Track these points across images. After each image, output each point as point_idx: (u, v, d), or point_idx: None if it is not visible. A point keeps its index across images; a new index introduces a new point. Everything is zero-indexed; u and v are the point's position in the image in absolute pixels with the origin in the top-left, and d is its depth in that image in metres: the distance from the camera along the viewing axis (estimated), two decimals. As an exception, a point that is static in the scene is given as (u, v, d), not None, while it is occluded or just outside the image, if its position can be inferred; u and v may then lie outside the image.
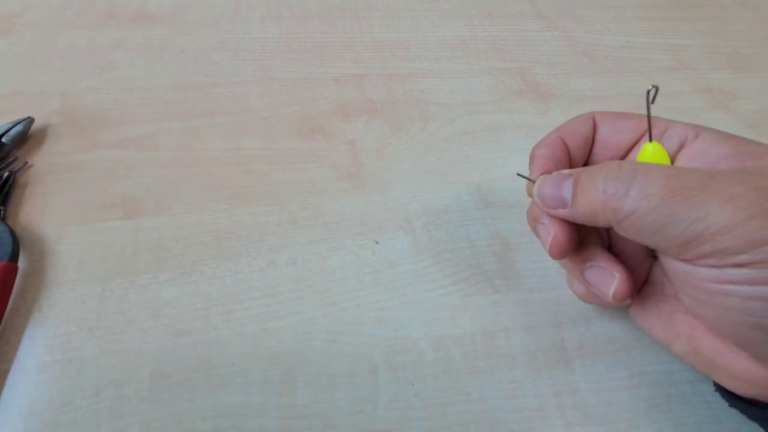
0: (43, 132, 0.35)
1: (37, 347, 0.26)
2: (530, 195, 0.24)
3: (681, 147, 0.22)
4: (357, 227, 0.31)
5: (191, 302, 0.27)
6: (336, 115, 0.38)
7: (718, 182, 0.18)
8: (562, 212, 0.21)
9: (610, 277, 0.22)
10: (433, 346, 0.27)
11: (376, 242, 0.31)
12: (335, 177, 0.34)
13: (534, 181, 0.23)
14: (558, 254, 0.22)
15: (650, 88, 0.19)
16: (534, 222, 0.23)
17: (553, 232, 0.22)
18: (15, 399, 0.24)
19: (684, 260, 0.19)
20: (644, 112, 0.22)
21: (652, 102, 0.20)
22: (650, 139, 0.22)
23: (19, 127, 0.34)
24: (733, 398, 0.22)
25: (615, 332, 0.28)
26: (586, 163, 0.25)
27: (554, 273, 0.30)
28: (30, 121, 0.35)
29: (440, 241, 0.31)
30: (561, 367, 0.26)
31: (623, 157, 0.23)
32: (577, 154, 0.24)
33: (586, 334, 0.28)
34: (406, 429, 0.24)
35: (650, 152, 0.22)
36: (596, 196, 0.19)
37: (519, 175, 0.23)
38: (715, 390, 0.23)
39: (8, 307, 0.26)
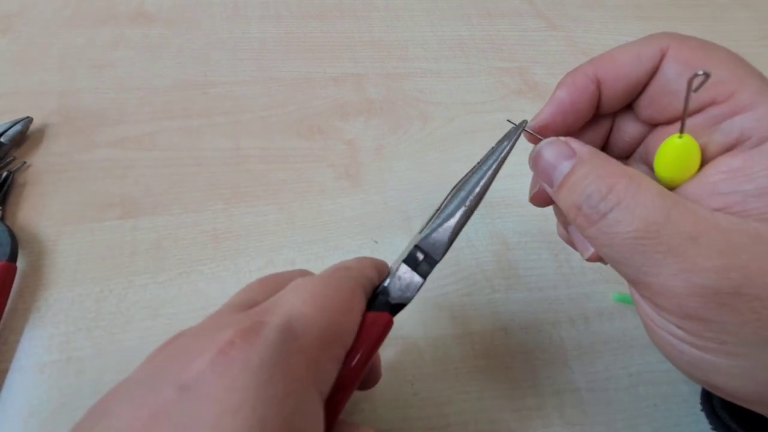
0: (41, 132, 0.35)
1: (35, 347, 0.26)
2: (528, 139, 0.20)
3: (734, 145, 0.16)
4: (356, 227, 0.31)
5: (190, 302, 0.27)
6: (335, 115, 0.38)
7: (697, 245, 0.15)
8: (548, 189, 0.18)
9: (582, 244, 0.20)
10: (432, 346, 0.27)
11: (375, 242, 0.31)
12: (334, 176, 0.34)
13: (531, 134, 0.20)
14: (538, 204, 0.20)
15: (699, 73, 0.14)
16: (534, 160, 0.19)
17: (538, 187, 0.19)
18: (14, 399, 0.24)
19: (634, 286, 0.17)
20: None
21: (695, 91, 0.15)
22: (681, 131, 0.16)
23: (17, 127, 0.34)
24: (716, 420, 0.21)
25: (613, 332, 0.28)
26: (636, 108, 0.19)
27: (553, 273, 0.30)
28: (28, 120, 0.34)
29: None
30: (560, 367, 0.26)
31: (666, 123, 0.18)
32: (613, 103, 0.19)
33: (585, 333, 0.28)
34: (406, 429, 0.24)
35: (675, 150, 0.17)
36: (573, 202, 0.17)
37: (509, 121, 0.20)
38: (701, 409, 0.23)
39: (7, 307, 0.26)
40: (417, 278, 0.19)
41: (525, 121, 0.20)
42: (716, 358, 0.16)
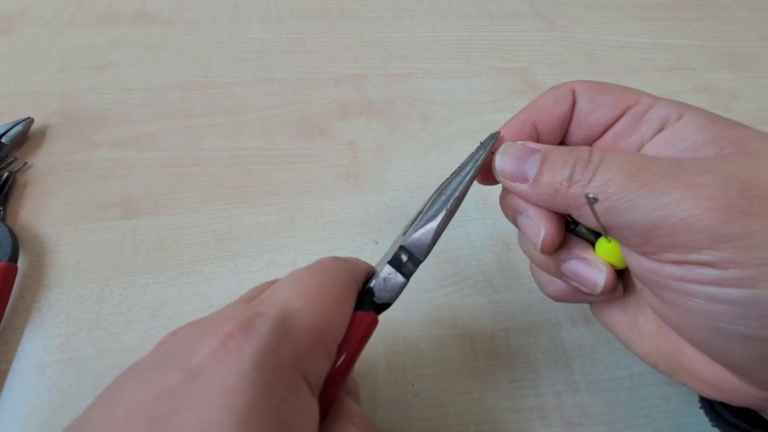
0: (42, 132, 0.35)
1: (36, 347, 0.26)
2: (481, 178, 0.22)
3: (660, 129, 0.20)
4: (356, 227, 0.31)
5: (190, 302, 0.27)
6: (335, 115, 0.38)
7: (683, 170, 0.17)
8: (520, 187, 0.19)
9: (595, 271, 0.20)
10: (432, 346, 0.27)
11: (376, 242, 0.31)
12: (334, 177, 0.34)
13: (494, 153, 0.21)
14: (550, 250, 0.20)
15: (590, 195, 0.17)
16: (513, 213, 0.21)
17: (544, 229, 0.20)
18: (14, 399, 0.24)
19: (647, 255, 0.18)
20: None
21: (594, 202, 0.18)
22: (606, 235, 0.19)
23: (18, 128, 0.34)
24: (716, 417, 0.21)
25: (614, 332, 0.28)
26: (560, 143, 0.23)
27: (554, 273, 0.30)
28: (29, 121, 0.35)
29: (440, 241, 0.31)
30: (560, 367, 0.26)
31: (598, 137, 0.21)
32: (550, 139, 0.22)
33: (586, 333, 0.28)
34: (406, 429, 0.24)
35: (609, 247, 0.19)
36: (560, 177, 0.18)
37: (481, 143, 0.21)
38: (700, 407, 0.22)
39: (7, 308, 0.26)
40: (400, 278, 0.20)
41: (498, 132, 0.22)
42: (766, 289, 0.15)
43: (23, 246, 0.29)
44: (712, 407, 0.21)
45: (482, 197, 0.33)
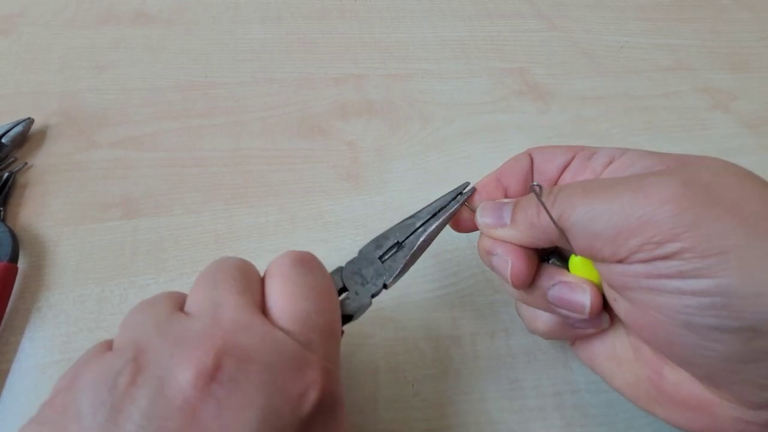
0: (42, 132, 0.35)
1: (36, 348, 0.26)
2: (462, 228, 0.25)
3: (609, 163, 0.22)
4: (356, 228, 0.31)
5: (191, 303, 0.27)
6: (335, 116, 0.38)
7: (630, 178, 0.19)
8: (502, 231, 0.22)
9: (579, 292, 0.20)
10: (433, 347, 0.27)
11: (376, 242, 0.31)
12: (334, 177, 0.34)
13: (474, 211, 0.24)
14: (520, 282, 0.21)
15: (534, 184, 0.20)
16: (488, 256, 0.23)
17: (510, 261, 0.21)
18: (14, 399, 0.24)
19: (619, 261, 0.18)
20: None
21: (542, 197, 0.21)
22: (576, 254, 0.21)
23: (18, 128, 0.34)
24: None
25: (614, 332, 0.28)
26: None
27: (554, 273, 0.30)
28: (30, 121, 0.35)
29: (440, 241, 0.31)
30: (560, 367, 0.26)
31: (557, 179, 0.24)
32: (516, 191, 0.25)
33: (586, 334, 0.28)
34: (406, 429, 0.24)
35: (580, 262, 0.21)
36: (531, 212, 0.21)
37: (465, 204, 0.25)
38: None
39: (8, 308, 0.26)
40: (367, 300, 0.22)
41: (468, 183, 0.25)
42: (726, 278, 0.16)
43: (23, 246, 0.29)
44: None
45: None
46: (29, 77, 0.39)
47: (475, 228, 0.24)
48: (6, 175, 0.32)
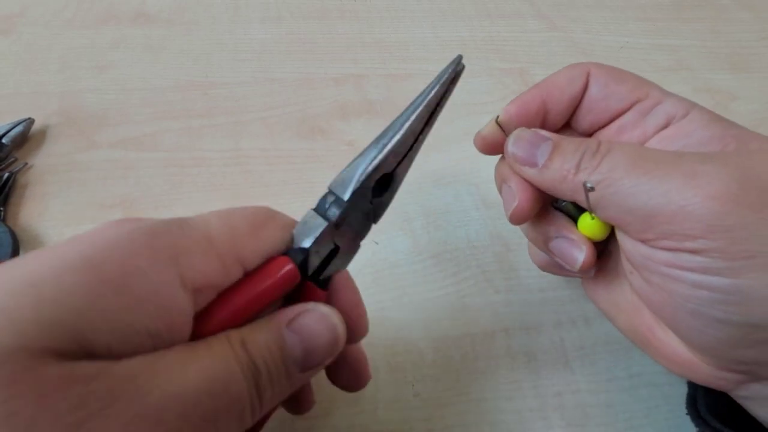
0: (42, 133, 0.35)
1: (36, 348, 0.26)
2: (487, 149, 0.23)
3: (666, 125, 0.21)
4: (357, 228, 0.31)
5: (191, 303, 0.27)
6: (335, 116, 0.38)
7: (685, 159, 0.17)
8: (529, 172, 0.20)
9: (577, 249, 0.21)
10: (432, 347, 0.27)
11: (376, 243, 0.31)
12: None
13: (505, 133, 0.21)
14: (517, 222, 0.22)
15: (588, 184, 0.18)
16: (501, 181, 0.22)
17: (518, 200, 0.21)
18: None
19: (644, 241, 0.18)
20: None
21: (591, 190, 0.19)
22: (591, 212, 0.20)
23: (19, 128, 0.34)
24: (701, 423, 0.21)
25: (615, 333, 0.27)
26: (566, 125, 0.24)
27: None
28: (30, 122, 0.35)
29: (440, 241, 0.31)
30: (561, 368, 0.26)
31: (604, 126, 0.22)
32: (557, 119, 0.22)
33: (586, 334, 0.28)
34: (406, 429, 0.24)
35: (593, 223, 0.21)
36: (569, 165, 0.19)
37: (497, 123, 0.22)
38: (686, 413, 0.23)
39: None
40: (320, 221, 0.17)
41: (460, 57, 0.21)
42: (748, 279, 0.16)
43: (24, 246, 0.29)
44: (697, 413, 0.21)
45: (482, 197, 0.33)
46: (29, 77, 0.39)
47: (500, 150, 0.22)
48: (6, 175, 0.32)
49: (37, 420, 0.10)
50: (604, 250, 0.24)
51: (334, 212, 0.18)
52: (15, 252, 0.28)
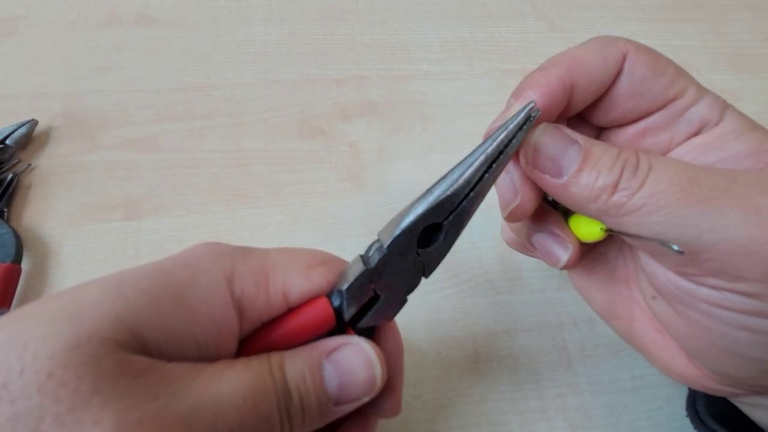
0: (45, 134, 0.35)
1: (39, 349, 0.26)
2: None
3: (696, 133, 0.18)
4: (358, 229, 0.31)
5: (193, 304, 0.28)
6: (337, 117, 0.38)
7: (742, 187, 0.15)
8: (552, 181, 0.16)
9: (561, 248, 0.19)
10: (434, 348, 0.27)
11: (378, 243, 0.31)
12: (336, 178, 0.34)
13: (521, 117, 0.17)
14: (513, 221, 0.19)
15: (675, 248, 0.15)
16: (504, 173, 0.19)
17: (520, 198, 0.18)
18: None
19: (683, 275, 0.16)
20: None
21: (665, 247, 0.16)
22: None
23: (22, 129, 0.34)
24: (701, 426, 0.21)
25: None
26: (578, 114, 0.19)
27: (557, 275, 0.30)
28: (33, 123, 0.35)
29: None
30: (563, 369, 0.26)
31: (628, 123, 0.19)
32: (577, 107, 0.18)
33: (589, 335, 0.27)
34: (408, 430, 0.24)
35: (585, 225, 0.19)
36: (604, 182, 0.15)
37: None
38: (686, 416, 0.23)
39: (11, 309, 0.26)
40: (360, 266, 0.17)
41: (533, 106, 0.17)
42: None
43: (27, 247, 0.29)
44: (696, 415, 0.21)
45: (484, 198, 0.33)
46: (32, 79, 0.39)
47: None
48: (10, 176, 0.32)
49: (91, 402, 0.12)
50: (596, 251, 0.22)
51: (374, 258, 0.18)
52: (18, 253, 0.28)
